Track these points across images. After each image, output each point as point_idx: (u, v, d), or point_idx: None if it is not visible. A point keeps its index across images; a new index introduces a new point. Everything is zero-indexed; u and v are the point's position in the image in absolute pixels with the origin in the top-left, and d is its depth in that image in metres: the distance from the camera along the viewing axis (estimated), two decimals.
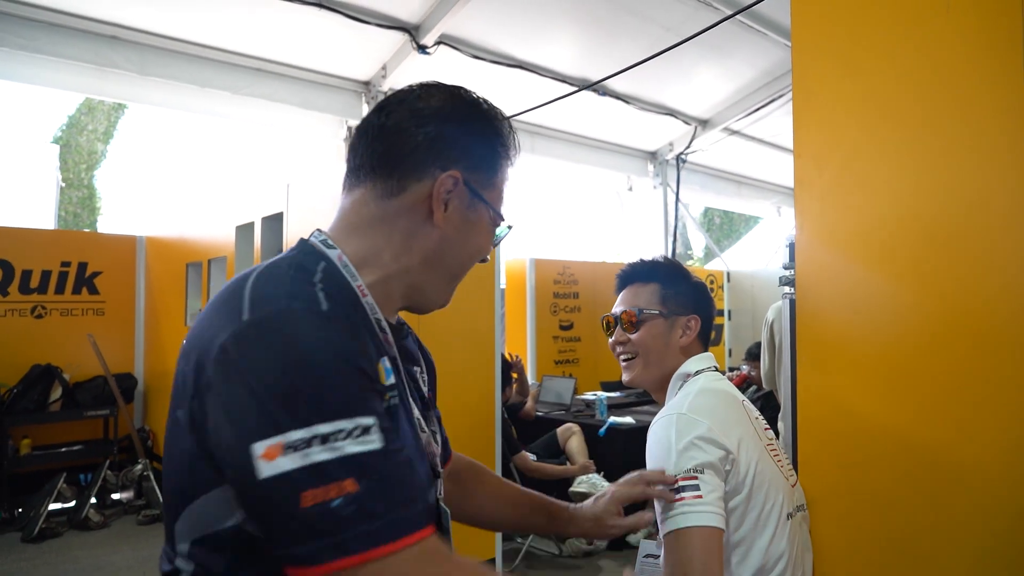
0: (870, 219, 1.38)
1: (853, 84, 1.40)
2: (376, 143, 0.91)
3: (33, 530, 4.68)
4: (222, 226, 4.56)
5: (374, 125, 0.92)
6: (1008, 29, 1.18)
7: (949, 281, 1.26)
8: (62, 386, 5.48)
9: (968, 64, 1.24)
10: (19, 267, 5.55)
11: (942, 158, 1.27)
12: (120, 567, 4.21)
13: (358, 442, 0.70)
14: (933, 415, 1.28)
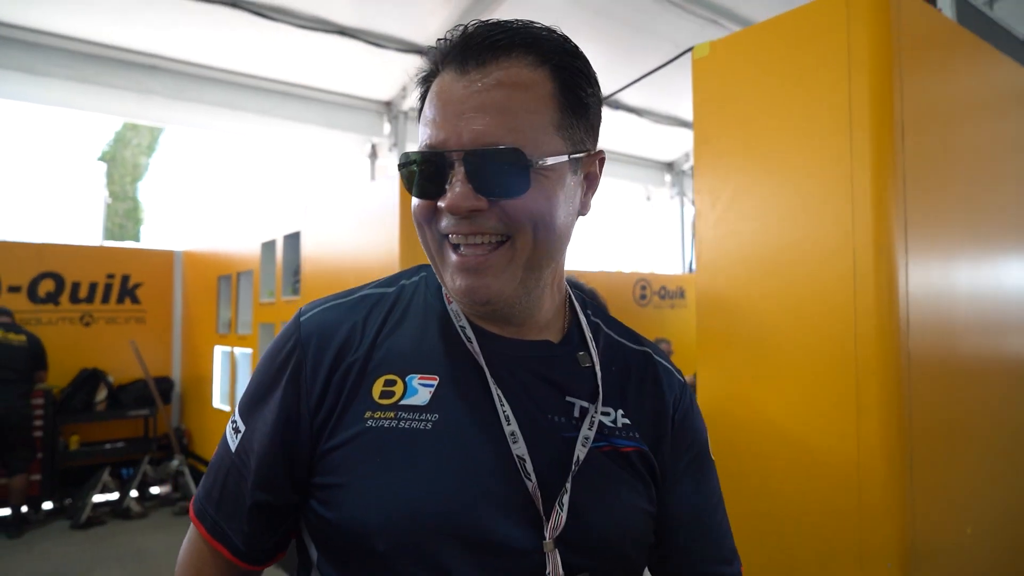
0: (751, 244, 1.67)
1: (736, 138, 1.70)
2: None
3: (80, 518, 5.14)
4: (249, 242, 4.95)
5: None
6: (838, 108, 1.48)
7: (807, 293, 1.55)
8: (107, 388, 5.94)
9: (813, 133, 1.53)
10: (69, 279, 6.05)
11: (799, 199, 1.56)
12: (157, 553, 4.62)
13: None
14: (800, 405, 1.57)
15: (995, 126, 1.77)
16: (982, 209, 1.71)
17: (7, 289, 5.73)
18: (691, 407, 0.90)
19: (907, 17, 1.49)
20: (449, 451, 0.75)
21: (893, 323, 1.41)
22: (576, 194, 0.80)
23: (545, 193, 0.74)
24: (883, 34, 1.45)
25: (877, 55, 1.45)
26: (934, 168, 1.53)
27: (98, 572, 4.24)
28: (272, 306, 4.47)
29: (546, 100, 0.75)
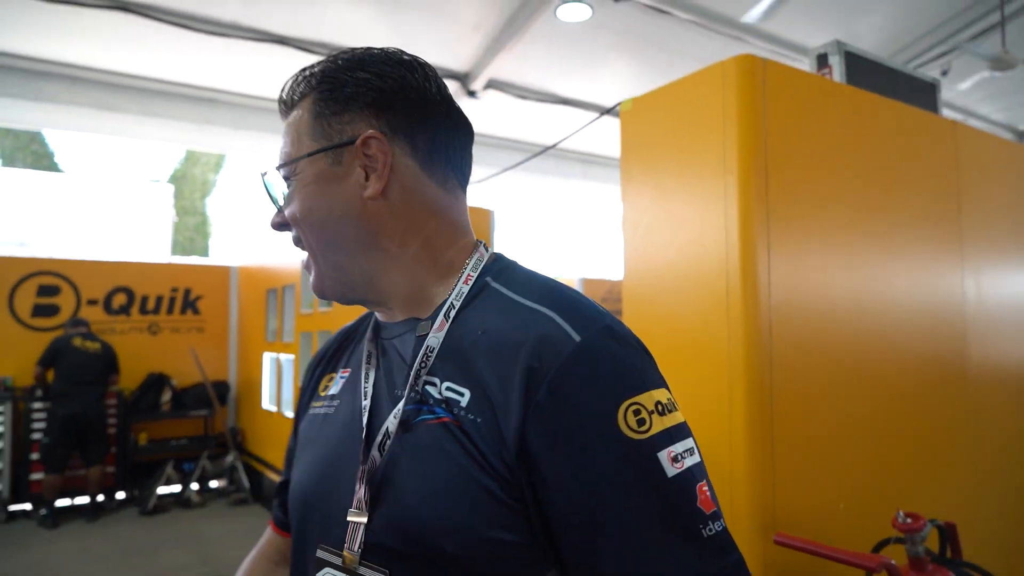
0: (658, 265, 2.01)
1: (649, 177, 2.05)
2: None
3: (147, 506, 5.76)
4: (292, 257, 5.48)
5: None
6: (716, 156, 1.81)
7: (693, 309, 1.88)
8: (171, 390, 6.58)
9: (700, 176, 1.87)
10: (139, 293, 6.74)
11: (688, 230, 1.89)
12: (213, 537, 5.17)
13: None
14: (685, 402, 1.89)
15: (864, 159, 2.05)
16: (851, 230, 1.99)
17: (86, 302, 6.44)
18: (570, 370, 0.68)
19: (772, 80, 1.81)
20: (331, 431, 0.83)
21: (758, 332, 1.73)
22: (344, 181, 0.78)
23: (305, 192, 0.79)
24: (749, 95, 1.78)
25: (744, 112, 1.78)
26: (795, 201, 1.84)
27: (162, 552, 4.80)
28: (311, 317, 4.96)
29: (303, 118, 0.80)
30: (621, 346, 0.72)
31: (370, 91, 0.78)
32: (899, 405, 2.08)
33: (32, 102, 6.31)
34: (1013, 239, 2.55)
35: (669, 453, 0.67)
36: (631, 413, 0.67)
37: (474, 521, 0.68)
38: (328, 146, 0.78)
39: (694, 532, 0.65)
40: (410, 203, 0.80)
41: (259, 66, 6.76)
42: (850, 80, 2.12)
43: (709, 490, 0.69)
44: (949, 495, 2.22)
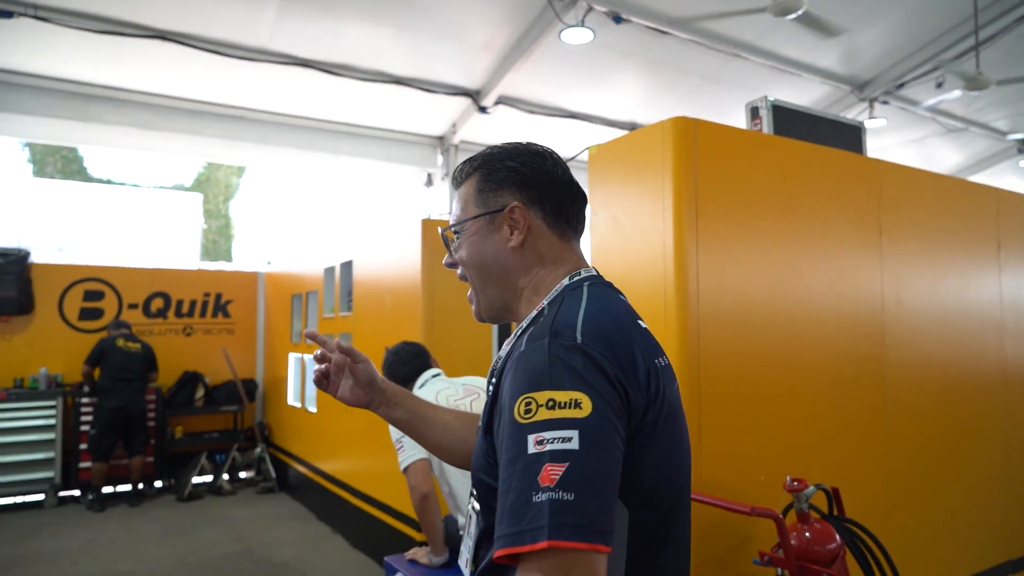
0: (614, 279, 2.46)
1: (609, 212, 2.50)
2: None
3: (183, 493, 6.30)
4: (315, 266, 5.97)
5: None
6: (656, 198, 2.26)
7: (644, 311, 2.32)
8: (204, 388, 7.12)
9: (644, 213, 2.31)
10: (174, 297, 7.30)
11: (636, 258, 2.34)
12: (242, 519, 5.68)
13: None
14: None
15: (788, 195, 2.48)
16: (774, 252, 2.43)
17: (127, 306, 7.00)
18: (513, 367, 0.98)
19: (702, 135, 2.26)
20: None
21: (689, 334, 2.17)
22: (497, 236, 1.13)
23: (469, 244, 1.16)
24: (682, 149, 2.22)
25: (679, 161, 2.22)
26: (722, 232, 2.28)
27: (199, 531, 5.32)
28: (332, 320, 5.46)
29: (469, 191, 1.17)
30: (549, 359, 0.94)
31: (516, 175, 1.15)
32: (817, 396, 2.51)
33: (79, 122, 6.88)
34: (929, 254, 2.96)
35: (536, 437, 0.87)
36: (523, 404, 0.91)
37: (476, 468, 1.08)
38: (486, 212, 1.15)
39: (526, 495, 0.85)
40: (535, 251, 1.14)
41: (284, 86, 7.29)
42: (778, 129, 2.55)
43: (560, 470, 0.85)
44: (860, 471, 2.64)
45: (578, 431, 0.87)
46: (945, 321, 2.99)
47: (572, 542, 0.82)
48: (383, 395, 1.31)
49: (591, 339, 0.97)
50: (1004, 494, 3.20)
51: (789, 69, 8.42)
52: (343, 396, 1.28)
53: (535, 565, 0.83)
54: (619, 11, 6.81)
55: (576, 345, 0.96)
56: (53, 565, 4.60)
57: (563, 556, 0.83)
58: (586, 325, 1.00)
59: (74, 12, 5.90)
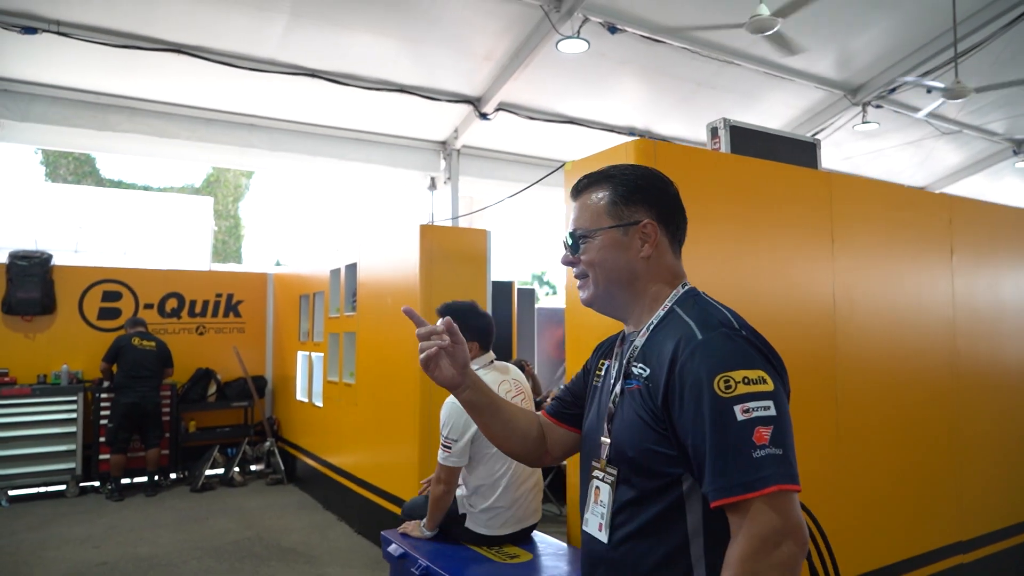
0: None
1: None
2: None
3: (196, 484, 6.61)
4: (321, 267, 6.27)
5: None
6: None
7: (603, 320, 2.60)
8: (216, 384, 7.42)
9: None
10: (188, 298, 7.62)
11: None
12: (252, 509, 5.98)
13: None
14: None
15: (743, 209, 2.75)
16: (728, 261, 2.70)
17: (143, 306, 7.33)
18: (690, 356, 1.16)
19: (662, 155, 2.53)
20: (599, 397, 1.41)
21: None
22: (631, 247, 1.31)
23: (599, 249, 1.33)
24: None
25: None
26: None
27: (210, 519, 5.63)
28: (337, 320, 5.75)
29: (603, 201, 1.34)
30: (731, 341, 1.17)
31: (649, 195, 1.35)
32: None
33: (97, 131, 7.19)
34: (881, 260, 3.22)
35: (742, 407, 1.09)
36: (722, 382, 1.11)
37: (639, 438, 1.24)
38: (622, 224, 1.33)
39: (745, 452, 1.07)
40: (660, 263, 1.34)
41: (293, 95, 7.58)
42: (735, 148, 2.82)
43: (769, 431, 1.08)
44: (813, 459, 2.91)
45: (772, 401, 1.11)
46: (897, 321, 3.25)
47: (790, 485, 1.08)
48: (471, 378, 1.43)
49: (751, 333, 1.21)
50: (956, 481, 3.45)
51: (782, 75, 8.65)
52: (438, 374, 1.38)
53: (759, 506, 1.06)
54: (614, 22, 7.07)
55: (743, 336, 1.19)
56: (78, 548, 4.92)
57: (786, 496, 1.07)
58: (739, 323, 1.23)
59: (93, 27, 6.22)
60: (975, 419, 3.55)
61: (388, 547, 2.84)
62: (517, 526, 2.82)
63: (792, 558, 1.06)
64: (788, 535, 1.06)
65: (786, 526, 1.06)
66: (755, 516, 1.06)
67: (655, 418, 1.21)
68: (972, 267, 3.59)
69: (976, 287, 3.61)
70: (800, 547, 1.07)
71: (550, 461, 1.59)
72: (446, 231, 5.11)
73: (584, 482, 1.40)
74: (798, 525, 1.08)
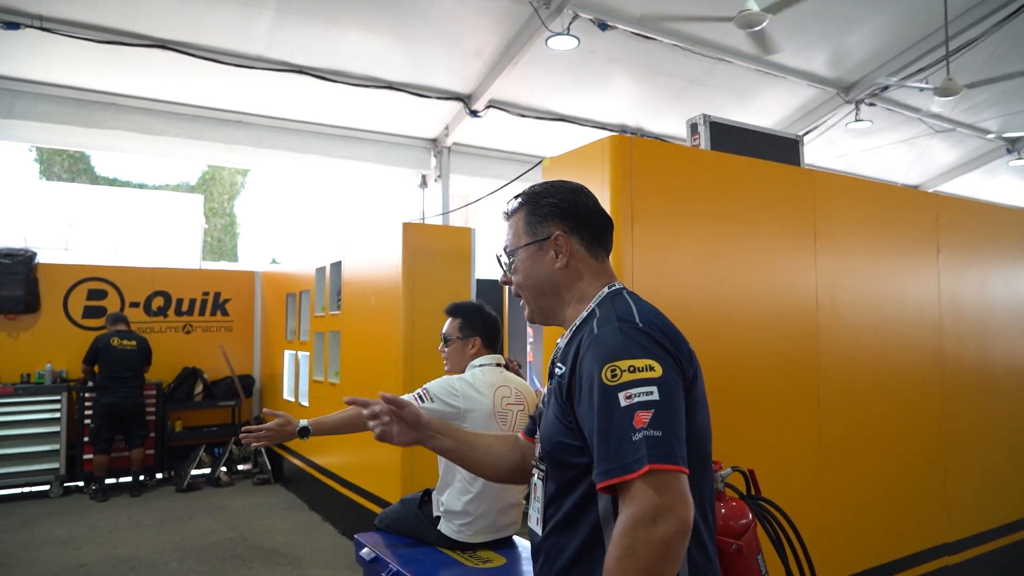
0: None
1: None
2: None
3: (182, 484, 6.56)
4: (307, 265, 6.21)
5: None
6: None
7: None
8: (203, 383, 7.37)
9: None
10: (175, 296, 7.55)
11: None
12: (239, 509, 5.93)
13: None
14: None
15: (724, 206, 2.70)
16: (709, 258, 2.65)
17: (129, 305, 7.27)
18: (586, 350, 1.26)
19: (638, 152, 2.47)
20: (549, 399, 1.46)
21: None
22: (546, 259, 1.42)
23: (522, 266, 1.45)
24: (619, 165, 2.44)
25: (616, 175, 2.44)
26: (657, 241, 2.50)
27: (196, 520, 5.58)
28: (322, 318, 5.70)
29: (519, 221, 1.46)
30: (621, 334, 1.23)
31: (558, 209, 1.43)
32: (753, 392, 2.73)
33: (82, 128, 7.13)
34: (865, 257, 3.17)
35: (625, 394, 1.15)
36: (608, 371, 1.18)
37: (553, 433, 1.34)
38: (536, 240, 1.44)
39: (625, 436, 1.13)
40: (576, 269, 1.42)
41: (280, 92, 7.52)
42: (715, 144, 2.77)
43: (649, 415, 1.13)
44: (794, 458, 2.86)
45: (657, 387, 1.16)
46: (882, 320, 3.20)
47: (665, 464, 1.11)
48: (430, 429, 1.55)
49: (648, 325, 1.27)
50: (942, 480, 3.41)
51: (775, 72, 8.61)
52: (400, 441, 1.51)
53: (639, 486, 1.10)
54: (604, 18, 7.02)
55: (639, 328, 1.25)
56: (58, 549, 4.87)
57: (659, 476, 1.10)
58: (641, 316, 1.29)
59: (77, 23, 6.15)
60: (962, 420, 3.51)
61: (361, 551, 2.78)
62: (492, 535, 2.75)
63: (669, 535, 1.09)
64: (664, 513, 1.09)
65: (662, 504, 1.09)
66: (634, 496, 1.11)
67: (564, 412, 1.31)
68: (959, 266, 3.55)
69: (963, 286, 3.57)
70: (678, 525, 1.09)
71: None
72: (430, 229, 5.06)
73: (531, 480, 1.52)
74: (677, 503, 1.10)
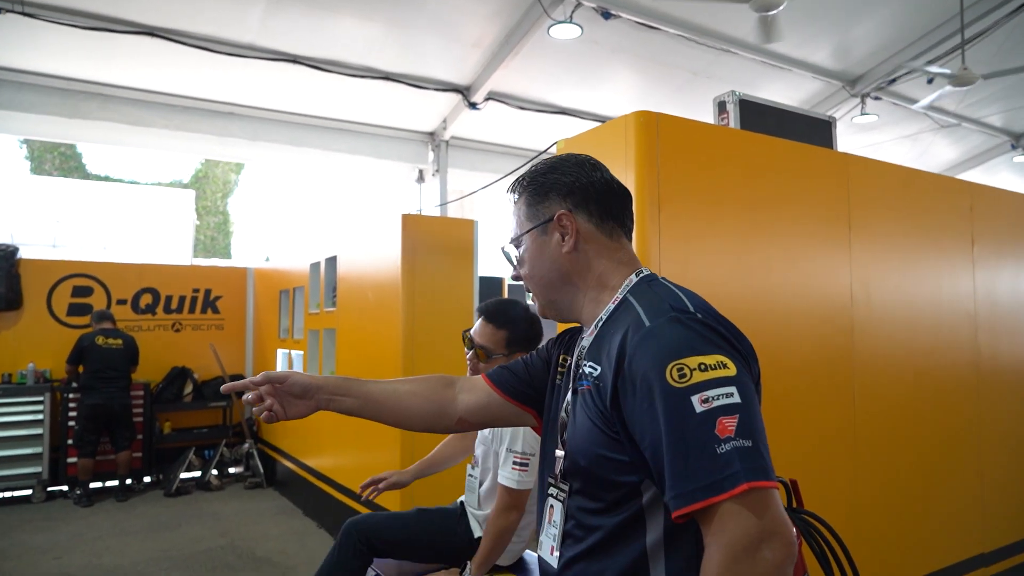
0: None
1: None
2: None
3: (171, 488, 6.31)
4: (302, 261, 5.97)
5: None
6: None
7: None
8: (193, 383, 7.12)
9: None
10: (163, 293, 7.30)
11: None
12: (229, 515, 5.69)
13: None
14: None
15: (755, 190, 2.49)
16: (740, 247, 2.43)
17: (116, 302, 7.01)
18: (638, 346, 1.03)
19: (665, 130, 2.26)
20: (557, 398, 1.29)
21: None
22: (550, 245, 1.22)
23: (528, 256, 1.25)
24: (645, 144, 2.22)
25: (641, 156, 2.22)
26: (686, 225, 2.28)
27: (183, 526, 5.33)
28: (317, 316, 5.46)
29: (521, 207, 1.26)
30: (682, 327, 1.03)
31: (559, 185, 1.23)
32: (785, 390, 2.52)
33: (68, 119, 6.88)
34: (900, 249, 2.97)
35: (700, 397, 0.95)
36: (675, 371, 0.97)
37: (590, 444, 1.10)
38: (537, 224, 1.23)
39: (708, 449, 0.93)
40: (588, 252, 1.21)
41: (274, 83, 7.29)
42: (745, 123, 2.55)
43: (734, 421, 0.94)
44: (827, 463, 2.65)
45: (735, 387, 0.96)
46: (916, 315, 3.00)
47: (763, 482, 0.92)
48: (324, 391, 1.31)
49: (707, 315, 1.08)
50: (979, 487, 3.21)
51: (780, 64, 8.41)
52: (292, 415, 1.29)
53: (733, 508, 0.90)
54: (608, 7, 6.80)
55: (699, 319, 1.05)
56: (38, 559, 4.62)
57: (759, 495, 0.91)
58: (695, 305, 1.09)
59: (61, 8, 5.89)
60: (997, 421, 3.31)
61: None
62: (515, 557, 2.51)
63: (777, 565, 0.90)
64: (768, 538, 0.90)
65: (765, 528, 0.90)
66: (727, 521, 0.91)
67: (605, 420, 1.09)
68: (994, 258, 3.34)
69: (998, 279, 3.37)
70: (785, 550, 0.91)
71: (466, 428, 1.43)
72: (430, 221, 4.83)
73: (540, 500, 1.27)
74: (780, 525, 0.92)
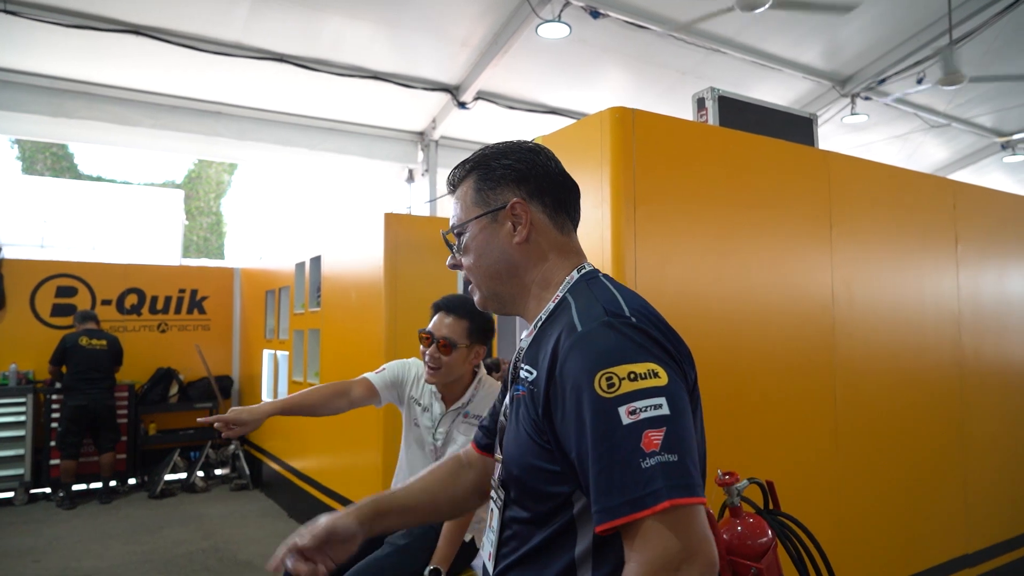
0: None
1: None
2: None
3: (156, 490, 6.25)
4: (287, 261, 5.92)
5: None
6: (595, 189, 2.23)
7: None
8: (178, 384, 7.06)
9: (584, 206, 2.29)
10: (149, 293, 7.24)
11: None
12: (214, 517, 5.63)
13: None
14: None
15: (733, 188, 2.46)
16: (718, 246, 2.40)
17: (100, 302, 6.95)
18: (568, 352, 0.99)
19: (641, 126, 2.23)
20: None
21: None
22: (501, 234, 1.15)
23: (473, 245, 1.17)
24: (620, 141, 2.19)
25: (616, 152, 2.19)
26: (662, 224, 2.25)
27: (167, 529, 5.28)
28: (302, 316, 5.42)
29: (467, 193, 1.18)
30: (615, 332, 0.98)
31: (514, 172, 1.16)
32: (764, 391, 2.49)
33: (54, 118, 6.81)
34: (882, 248, 2.94)
35: (627, 408, 0.91)
36: (604, 380, 0.93)
37: (524, 454, 1.07)
38: (488, 211, 1.16)
39: (633, 462, 0.89)
40: (540, 244, 1.16)
41: (261, 82, 7.24)
42: (724, 121, 2.52)
43: (660, 435, 0.90)
44: (808, 464, 2.62)
45: (664, 397, 0.92)
46: (899, 315, 2.97)
47: (687, 498, 0.88)
48: (363, 525, 1.20)
49: (642, 320, 1.02)
50: (963, 487, 3.19)
51: (770, 64, 8.41)
52: (342, 559, 1.18)
53: (654, 526, 0.88)
54: (596, 5, 6.78)
55: (633, 324, 1.00)
56: (16, 562, 4.56)
57: (681, 513, 0.88)
58: (630, 307, 1.04)
59: (44, 6, 5.84)
60: (980, 422, 3.29)
61: None
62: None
63: None
64: (689, 558, 0.88)
65: (686, 547, 0.88)
66: (647, 539, 0.89)
67: (538, 430, 1.04)
68: (978, 257, 3.32)
69: (982, 278, 3.35)
70: (705, 570, 0.89)
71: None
72: (414, 220, 4.79)
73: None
74: (701, 543, 0.89)
